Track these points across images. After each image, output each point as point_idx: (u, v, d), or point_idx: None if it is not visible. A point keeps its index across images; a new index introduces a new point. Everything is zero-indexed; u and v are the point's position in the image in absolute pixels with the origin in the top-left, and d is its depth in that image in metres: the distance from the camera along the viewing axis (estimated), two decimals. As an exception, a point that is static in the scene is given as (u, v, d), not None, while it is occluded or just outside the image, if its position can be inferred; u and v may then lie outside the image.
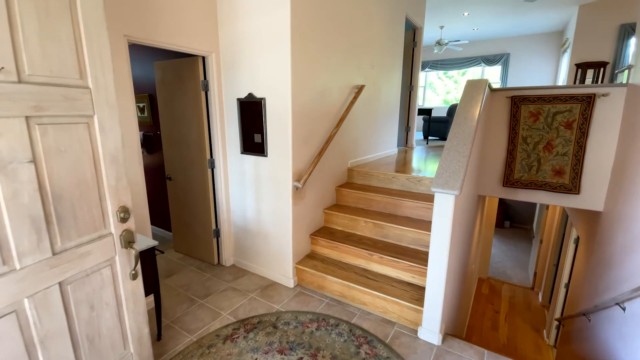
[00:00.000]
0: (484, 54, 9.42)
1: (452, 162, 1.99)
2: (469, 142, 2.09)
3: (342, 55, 2.95)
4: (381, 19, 3.63)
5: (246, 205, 2.89)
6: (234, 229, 3.06)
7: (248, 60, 2.56)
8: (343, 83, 3.05)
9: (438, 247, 1.98)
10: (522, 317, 5.71)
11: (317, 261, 2.76)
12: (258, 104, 2.56)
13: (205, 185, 2.96)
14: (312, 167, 2.59)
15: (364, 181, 3.32)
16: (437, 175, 1.93)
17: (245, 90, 2.64)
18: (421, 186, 3.01)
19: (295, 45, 2.35)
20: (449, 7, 6.54)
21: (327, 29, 2.68)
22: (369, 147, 3.80)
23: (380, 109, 3.96)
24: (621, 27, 5.94)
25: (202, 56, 2.71)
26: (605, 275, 2.75)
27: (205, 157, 2.88)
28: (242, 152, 2.78)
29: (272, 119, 2.53)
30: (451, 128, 2.23)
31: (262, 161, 2.67)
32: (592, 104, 2.98)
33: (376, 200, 2.99)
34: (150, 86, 3.53)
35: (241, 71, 2.62)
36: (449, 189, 1.83)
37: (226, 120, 2.84)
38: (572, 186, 3.18)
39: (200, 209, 3.08)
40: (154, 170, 3.83)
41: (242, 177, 2.86)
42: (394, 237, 2.70)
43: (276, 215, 2.69)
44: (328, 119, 2.88)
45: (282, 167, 2.56)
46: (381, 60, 3.78)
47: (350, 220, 2.91)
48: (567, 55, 7.48)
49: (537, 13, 6.77)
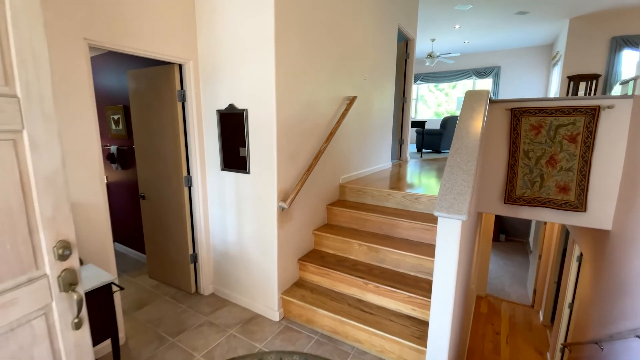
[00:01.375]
0: (475, 66, 9.45)
1: (456, 182, 1.76)
2: (473, 159, 1.87)
3: (332, 65, 2.75)
4: (373, 29, 3.46)
5: (227, 227, 2.61)
6: (214, 253, 2.76)
7: (229, 69, 2.33)
8: (333, 94, 2.83)
9: (443, 280, 1.72)
10: (523, 338, 5.44)
11: (306, 290, 2.47)
12: (239, 116, 2.32)
13: (181, 205, 2.67)
14: (299, 185, 2.33)
15: (357, 199, 3.07)
16: (440, 197, 1.69)
17: (225, 101, 2.39)
18: (419, 204, 2.77)
19: (280, 52, 2.13)
20: (441, 20, 6.50)
21: (315, 36, 2.47)
22: (361, 162, 3.57)
23: (373, 122, 3.76)
24: (612, 39, 5.94)
25: (179, 64, 2.47)
26: (620, 301, 2.52)
27: (181, 174, 2.60)
28: (223, 168, 2.51)
29: (255, 132, 2.28)
30: (452, 142, 2.01)
31: (244, 179, 2.41)
32: (596, 116, 2.82)
33: (370, 220, 2.74)
34: (126, 97, 3.27)
35: (221, 80, 2.39)
36: (455, 214, 1.59)
37: (205, 134, 2.58)
38: (578, 203, 2.98)
39: (176, 231, 2.77)
40: (130, 187, 3.53)
41: (222, 196, 2.58)
42: (391, 262, 2.44)
43: (260, 238, 2.41)
44: (317, 133, 2.65)
45: (267, 186, 2.30)
46: (374, 71, 3.59)
47: (342, 242, 2.64)
48: (557, 68, 7.48)
49: (528, 26, 6.77)
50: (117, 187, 3.71)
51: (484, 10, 5.93)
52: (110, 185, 3.80)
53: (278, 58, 2.12)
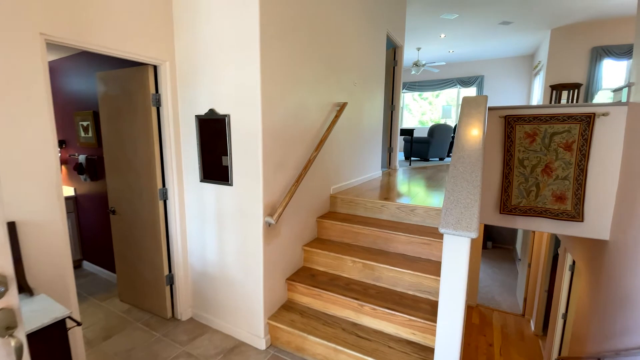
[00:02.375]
0: (459, 75, 9.57)
1: (461, 194, 1.60)
2: (477, 169, 1.72)
3: (321, 69, 2.58)
4: (363, 33, 3.34)
5: (206, 245, 2.36)
6: (192, 274, 2.50)
7: (210, 71, 2.12)
8: (323, 100, 2.66)
9: (449, 304, 1.54)
10: (516, 349, 5.34)
11: (295, 314, 2.24)
12: (221, 122, 2.10)
13: (155, 221, 2.41)
14: (288, 198, 2.13)
15: (348, 210, 2.89)
16: (445, 211, 1.53)
17: (205, 105, 2.18)
18: (414, 216, 2.61)
19: (267, 53, 1.94)
20: (427, 29, 6.51)
21: (304, 38, 2.31)
22: (352, 171, 3.40)
23: (364, 129, 3.61)
24: (593, 49, 6.08)
25: (154, 65, 2.24)
26: (624, 315, 2.42)
27: (155, 186, 2.35)
28: (202, 179, 2.27)
29: (238, 140, 2.07)
30: (453, 151, 1.87)
31: (226, 191, 2.18)
32: (591, 124, 2.76)
33: (364, 234, 2.55)
34: (96, 102, 2.99)
35: (201, 83, 2.17)
36: (463, 230, 1.42)
37: (183, 142, 2.35)
38: (575, 213, 2.90)
39: (149, 249, 2.50)
40: (101, 200, 3.22)
41: (201, 210, 2.34)
42: (387, 280, 2.25)
43: (244, 257, 2.18)
44: (306, 140, 2.46)
45: (251, 199, 2.08)
46: (363, 77, 3.46)
47: (334, 259, 2.44)
48: (539, 78, 7.64)
49: (511, 36, 6.88)
50: (87, 201, 3.39)
51: (468, 20, 5.97)
52: (79, 198, 3.48)
53: (264, 59, 1.93)
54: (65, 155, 3.48)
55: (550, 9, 5.38)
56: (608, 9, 5.32)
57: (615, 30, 5.83)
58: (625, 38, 5.80)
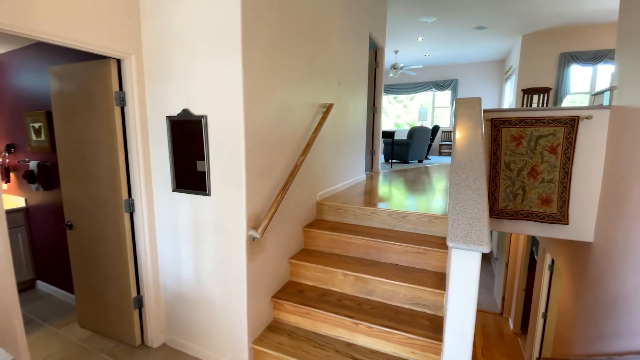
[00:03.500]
0: (434, 79, 9.72)
1: (467, 204, 1.47)
2: (481, 175, 1.61)
3: (307, 67, 2.40)
4: (347, 33, 3.20)
5: (181, 262, 2.10)
6: (165, 295, 2.22)
7: (184, 66, 1.87)
8: (309, 100, 2.48)
9: (458, 324, 1.41)
10: (498, 349, 5.41)
11: (282, 335, 2.03)
12: (197, 124, 1.86)
13: (120, 236, 2.11)
14: (274, 208, 1.92)
15: (336, 217, 2.72)
16: (452, 223, 1.39)
17: (178, 105, 1.93)
18: (406, 223, 2.49)
19: (249, 48, 1.74)
20: (406, 32, 6.52)
21: (289, 33, 2.12)
22: (338, 175, 3.24)
23: (349, 132, 3.47)
24: (561, 55, 6.33)
25: (117, 58, 1.96)
26: (613, 319, 2.42)
27: (120, 196, 2.06)
28: (175, 189, 2.02)
29: (217, 144, 1.84)
30: (453, 156, 1.75)
31: (203, 202, 1.94)
32: (575, 127, 2.77)
33: (355, 244, 2.39)
34: (49, 100, 2.63)
35: (174, 80, 1.92)
36: (475, 244, 1.29)
37: (152, 147, 2.08)
38: (560, 216, 2.90)
39: (114, 269, 2.20)
40: (56, 211, 2.84)
41: (174, 223, 2.07)
42: (382, 294, 2.10)
43: (224, 276, 1.94)
44: (293, 144, 2.27)
45: (233, 210, 1.85)
46: (348, 77, 3.32)
47: (324, 272, 2.25)
48: (510, 82, 7.89)
49: (484, 41, 7.04)
50: (40, 213, 2.99)
51: (446, 24, 6.03)
52: (31, 210, 3.06)
53: (246, 53, 1.72)
54: (14, 161, 3.06)
55: (523, 15, 5.53)
56: (575, 16, 5.55)
57: (581, 37, 6.11)
58: (591, 45, 6.08)
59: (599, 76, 6.38)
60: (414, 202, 2.84)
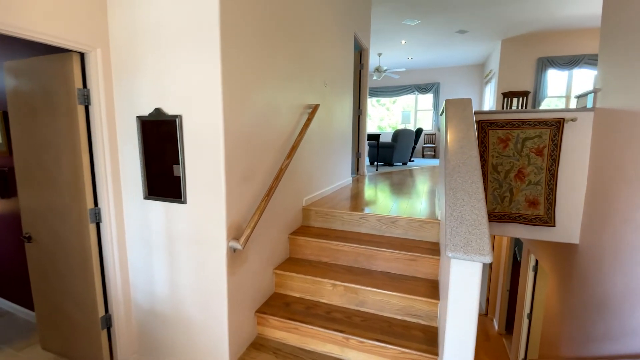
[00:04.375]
0: (417, 82, 9.82)
1: (464, 209, 1.38)
2: (477, 179, 1.53)
3: (292, 66, 2.27)
4: (332, 32, 3.10)
5: (155, 277, 1.91)
6: (137, 313, 2.02)
7: (156, 61, 1.70)
8: (294, 101, 2.35)
9: (458, 338, 1.31)
10: (484, 349, 5.42)
11: (267, 353, 1.88)
12: (170, 125, 1.70)
13: (85, 249, 1.90)
14: (257, 216, 1.77)
15: (324, 224, 2.59)
16: (450, 230, 1.29)
17: (150, 104, 1.75)
18: (396, 229, 2.39)
19: (229, 41, 1.59)
20: (389, 34, 6.51)
21: (272, 29, 1.98)
22: (325, 179, 3.12)
23: (335, 134, 3.36)
24: (539, 60, 6.50)
25: (80, 52, 1.77)
26: (603, 320, 2.41)
27: (84, 205, 1.85)
28: (147, 196, 1.83)
29: (193, 147, 1.68)
30: (447, 159, 1.67)
31: (178, 210, 1.77)
32: (561, 129, 2.77)
33: (344, 251, 2.27)
34: (4, 99, 2.38)
35: (144, 76, 1.75)
36: (476, 254, 1.19)
37: (120, 150, 1.89)
38: (547, 218, 2.89)
39: (78, 285, 1.98)
40: (14, 221, 2.57)
41: (146, 234, 1.89)
42: (373, 305, 1.99)
43: (202, 291, 1.78)
44: (277, 146, 2.13)
45: (211, 220, 1.69)
46: (333, 78, 3.22)
47: (311, 283, 2.12)
48: (490, 85, 8.05)
49: (465, 45, 7.15)
50: (-4, 223, 2.71)
51: (428, 27, 6.06)
52: (-14, 220, 2.77)
53: (225, 49, 1.57)
54: (-34, 166, 2.76)
55: (502, 19, 5.63)
56: (552, 22, 5.71)
57: (558, 42, 6.29)
58: (567, 50, 6.27)
59: (575, 80, 6.59)
60: (403, 205, 2.75)
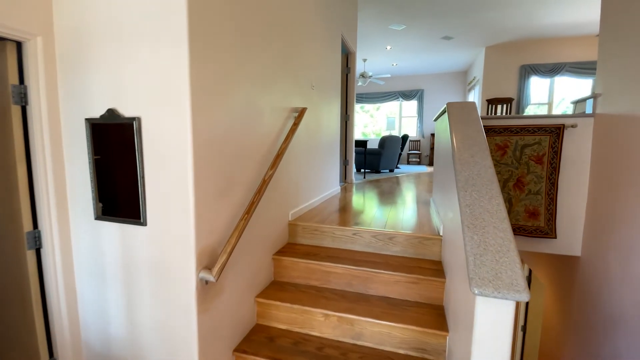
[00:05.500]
0: (401, 89, 9.77)
1: (487, 231, 1.15)
2: (496, 193, 1.31)
3: (276, 64, 2.01)
4: (320, 33, 2.87)
5: (109, 314, 1.57)
6: (88, 356, 1.67)
7: (110, 51, 1.40)
8: (278, 103, 2.09)
9: (485, 393, 1.06)
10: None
11: (248, 403, 1.57)
12: (127, 129, 1.39)
13: (22, 281, 1.54)
14: (235, 238, 1.48)
15: (312, 240, 2.32)
16: (473, 259, 1.05)
17: (102, 104, 1.44)
18: (394, 246, 2.15)
19: (199, 29, 1.31)
20: (375, 39, 6.39)
21: (254, 21, 1.72)
22: (312, 190, 2.86)
23: (323, 140, 3.11)
24: (521, 67, 6.53)
25: (15, 41, 1.44)
26: (613, 339, 2.24)
27: (20, 227, 1.50)
28: (99, 216, 1.51)
29: (155, 156, 1.38)
30: (457, 170, 1.44)
31: (137, 234, 1.45)
32: (561, 135, 2.64)
33: (336, 273, 2.00)
34: None
35: (96, 71, 1.44)
36: (509, 290, 0.95)
37: (67, 160, 1.56)
38: (548, 229, 2.74)
39: (14, 324, 1.61)
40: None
41: (99, 263, 1.55)
42: (372, 337, 1.72)
43: (167, 332, 1.46)
44: (260, 155, 1.85)
45: (177, 245, 1.39)
46: (321, 80, 2.98)
47: (300, 312, 1.83)
48: (474, 92, 8.08)
49: (450, 51, 7.13)
50: None
51: (414, 32, 5.97)
52: None
53: (195, 37, 1.29)
54: None
55: (487, 26, 5.61)
56: (535, 30, 5.74)
57: (540, 50, 6.35)
58: (549, 58, 6.34)
59: (556, 88, 6.67)
60: (397, 218, 2.52)
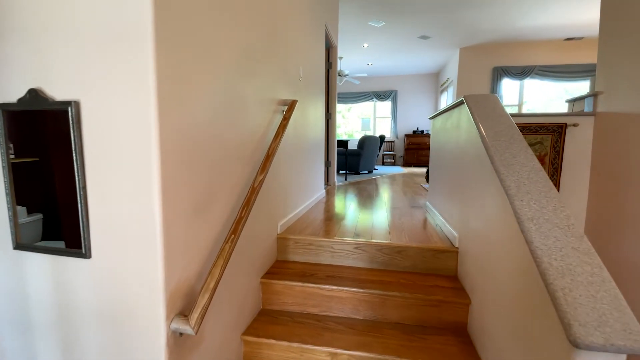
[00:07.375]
0: (376, 89, 9.69)
1: (567, 255, 0.88)
2: (558, 201, 1.05)
3: (262, 43, 1.65)
4: (305, 18, 2.53)
5: (37, 381, 1.12)
6: None
7: (35, 9, 0.96)
8: (264, 93, 1.72)
9: None
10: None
11: None
12: (59, 118, 0.96)
13: None
14: (219, 269, 1.10)
15: (307, 257, 1.97)
16: (563, 295, 0.78)
17: (21, 83, 1.00)
18: (403, 260, 1.86)
19: (166, -25, 0.93)
20: (353, 35, 6.16)
21: (236, -20, 1.35)
22: (301, 196, 2.51)
23: (310, 139, 2.77)
24: (494, 69, 6.63)
25: None
26: None
27: None
28: (19, 245, 1.06)
29: (102, 157, 0.96)
30: (498, 172, 1.18)
31: (77, 269, 1.02)
32: (563, 135, 2.52)
33: (339, 297, 1.67)
34: None
35: (12, 35, 0.99)
36: (622, 340, 0.69)
37: (-29, 163, 1.09)
38: (549, 232, 2.61)
39: None
40: None
41: (23, 309, 1.10)
42: (391, 379, 1.41)
43: (126, 402, 1.04)
44: (245, 157, 1.47)
45: (138, 283, 0.98)
46: (306, 73, 2.64)
47: (299, 352, 1.48)
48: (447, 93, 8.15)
49: (425, 52, 7.09)
50: None
51: (392, 29, 5.83)
52: None
53: (160, -13, 0.90)
54: None
55: (463, 26, 5.59)
56: (508, 33, 5.83)
57: (511, 52, 6.48)
58: (519, 60, 6.49)
59: (526, 90, 6.85)
60: (399, 225, 2.24)
